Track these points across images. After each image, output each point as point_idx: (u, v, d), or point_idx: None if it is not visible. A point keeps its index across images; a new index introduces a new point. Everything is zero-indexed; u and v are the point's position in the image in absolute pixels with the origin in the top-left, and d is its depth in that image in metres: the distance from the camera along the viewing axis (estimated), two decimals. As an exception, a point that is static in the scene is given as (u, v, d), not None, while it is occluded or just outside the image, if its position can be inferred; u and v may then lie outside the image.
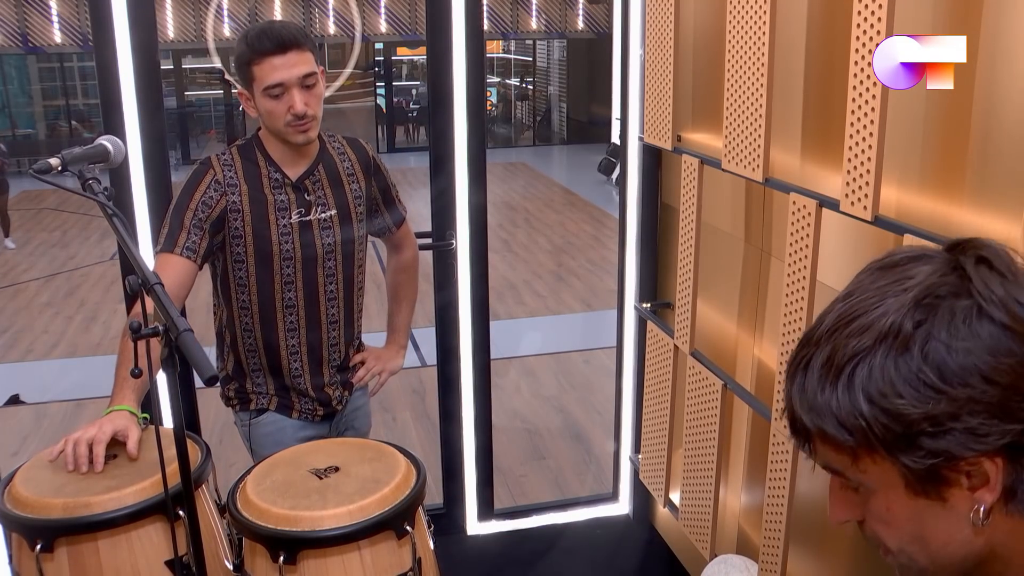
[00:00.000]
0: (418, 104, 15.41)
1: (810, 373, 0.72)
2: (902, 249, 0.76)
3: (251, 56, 1.83)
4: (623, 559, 2.88)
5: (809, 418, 0.73)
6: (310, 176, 1.97)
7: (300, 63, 1.84)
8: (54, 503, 1.54)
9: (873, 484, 0.73)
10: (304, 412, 2.09)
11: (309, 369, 2.05)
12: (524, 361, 5.13)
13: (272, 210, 1.92)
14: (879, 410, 0.68)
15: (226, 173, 1.91)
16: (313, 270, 1.98)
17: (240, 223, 1.90)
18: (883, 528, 0.76)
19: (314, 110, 1.89)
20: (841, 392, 0.70)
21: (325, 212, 1.97)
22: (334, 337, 2.06)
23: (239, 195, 1.90)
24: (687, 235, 2.20)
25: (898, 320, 0.69)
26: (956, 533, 0.72)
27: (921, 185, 1.51)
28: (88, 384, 4.93)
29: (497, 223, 9.31)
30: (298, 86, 1.85)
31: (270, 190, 1.93)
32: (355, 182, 2.04)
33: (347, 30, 12.84)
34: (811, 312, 1.73)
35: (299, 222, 1.94)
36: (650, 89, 2.33)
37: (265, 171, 1.94)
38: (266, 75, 1.83)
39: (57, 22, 11.49)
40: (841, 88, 1.53)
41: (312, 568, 1.56)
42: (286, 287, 1.96)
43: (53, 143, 13.34)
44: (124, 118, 2.22)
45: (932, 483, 0.70)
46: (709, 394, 2.17)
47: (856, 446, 0.71)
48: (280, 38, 1.82)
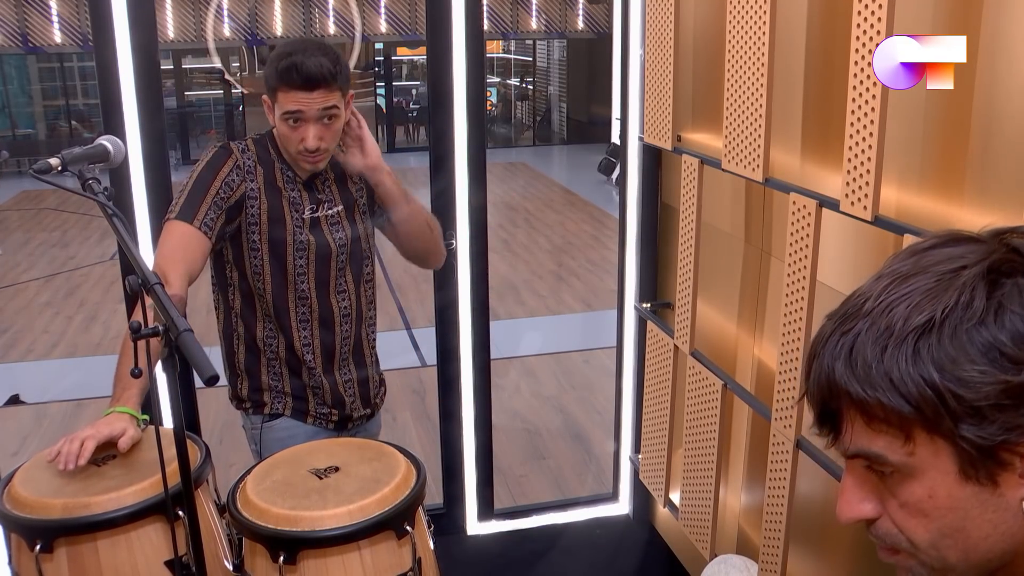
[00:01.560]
0: (418, 104, 15.40)
1: (861, 343, 0.68)
2: (936, 234, 0.73)
3: (278, 81, 1.83)
4: (623, 559, 2.88)
5: (860, 389, 0.68)
6: (319, 176, 2.00)
7: (324, 99, 1.83)
8: (53, 503, 1.54)
9: (919, 467, 0.69)
10: (319, 417, 2.09)
11: (322, 363, 2.05)
12: (524, 361, 5.13)
13: (286, 203, 1.95)
14: (952, 379, 0.65)
15: (246, 161, 1.93)
16: (325, 264, 2.00)
17: (257, 210, 1.92)
18: (916, 520, 0.71)
19: (328, 143, 1.89)
20: (904, 361, 0.66)
21: (332, 208, 2.00)
22: (346, 331, 2.07)
23: (257, 183, 1.92)
24: (687, 235, 2.20)
25: (967, 293, 0.66)
26: (1000, 523, 0.69)
27: (921, 185, 1.51)
28: (88, 384, 4.93)
29: (497, 223, 9.30)
30: (316, 120, 1.85)
31: (283, 184, 1.96)
32: (356, 177, 2.05)
33: (347, 30, 12.84)
34: (811, 312, 1.73)
35: (311, 218, 1.98)
36: (650, 89, 2.33)
37: (279, 166, 1.96)
38: (287, 102, 1.84)
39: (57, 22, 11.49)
40: (841, 88, 1.53)
41: (312, 568, 1.56)
42: (299, 278, 1.98)
43: (53, 143, 13.32)
44: (124, 118, 2.23)
45: (988, 465, 0.67)
46: (709, 394, 2.17)
47: (914, 422, 0.67)
48: (309, 76, 1.80)
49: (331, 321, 2.04)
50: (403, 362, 5.20)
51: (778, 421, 1.86)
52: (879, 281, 0.71)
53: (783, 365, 1.81)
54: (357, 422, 2.16)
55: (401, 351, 5.46)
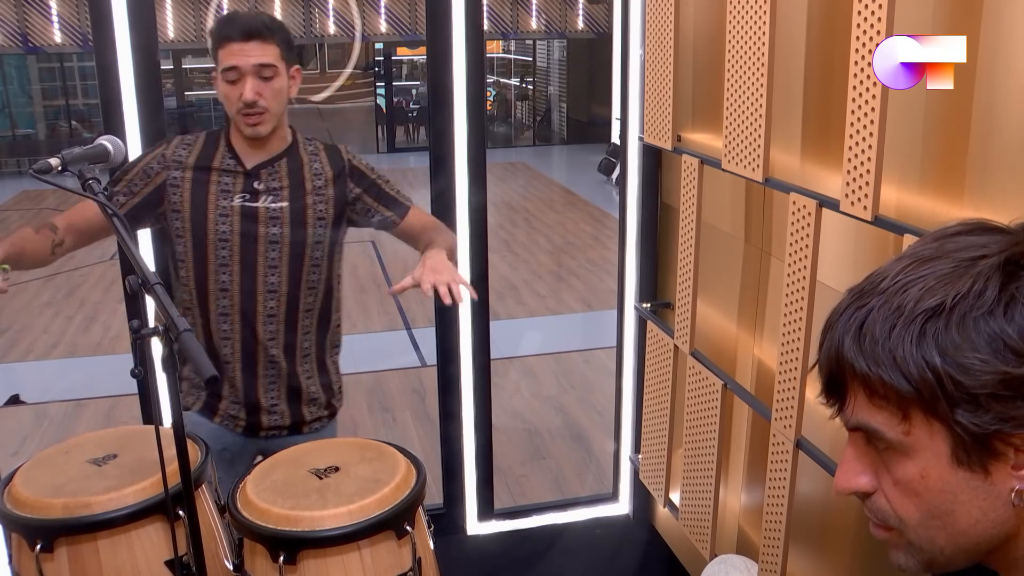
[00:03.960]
0: (418, 104, 15.39)
1: (872, 320, 0.69)
2: (962, 221, 0.74)
3: (217, 40, 1.88)
4: (623, 559, 2.88)
5: (865, 364, 0.69)
6: (268, 167, 1.97)
7: (260, 53, 1.86)
8: (54, 503, 1.54)
9: (914, 447, 0.70)
10: (226, 417, 2.04)
11: (241, 361, 1.99)
12: (524, 361, 5.13)
13: (214, 191, 1.94)
14: (952, 364, 0.66)
15: (178, 151, 1.96)
16: (252, 258, 1.95)
17: (179, 198, 1.94)
18: (907, 499, 0.72)
19: (267, 103, 1.89)
20: (910, 342, 0.67)
21: (276, 203, 1.96)
22: (271, 331, 1.99)
23: (181, 171, 1.94)
24: (687, 235, 2.20)
25: (980, 282, 0.67)
26: (990, 511, 0.70)
27: (921, 185, 1.51)
28: (88, 384, 4.94)
29: (497, 223, 9.30)
30: (253, 75, 1.86)
31: (218, 173, 1.95)
32: (320, 181, 2.00)
33: (347, 30, 12.83)
34: (811, 312, 1.73)
35: (241, 206, 1.94)
36: (650, 89, 2.33)
37: (221, 156, 1.96)
38: (225, 58, 1.87)
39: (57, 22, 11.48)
40: (841, 88, 1.53)
41: (312, 568, 1.56)
42: (220, 269, 1.95)
43: (53, 143, 13.31)
44: (124, 118, 2.23)
45: (980, 453, 0.68)
46: (709, 394, 2.17)
47: (912, 401, 0.68)
48: (244, 26, 1.85)
49: (253, 320, 1.98)
50: (403, 362, 5.20)
51: (778, 421, 1.86)
52: (900, 261, 0.72)
53: (783, 365, 1.81)
54: (271, 432, 2.06)
55: (401, 351, 5.46)
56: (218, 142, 1.98)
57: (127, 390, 2.90)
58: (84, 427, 4.32)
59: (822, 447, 1.80)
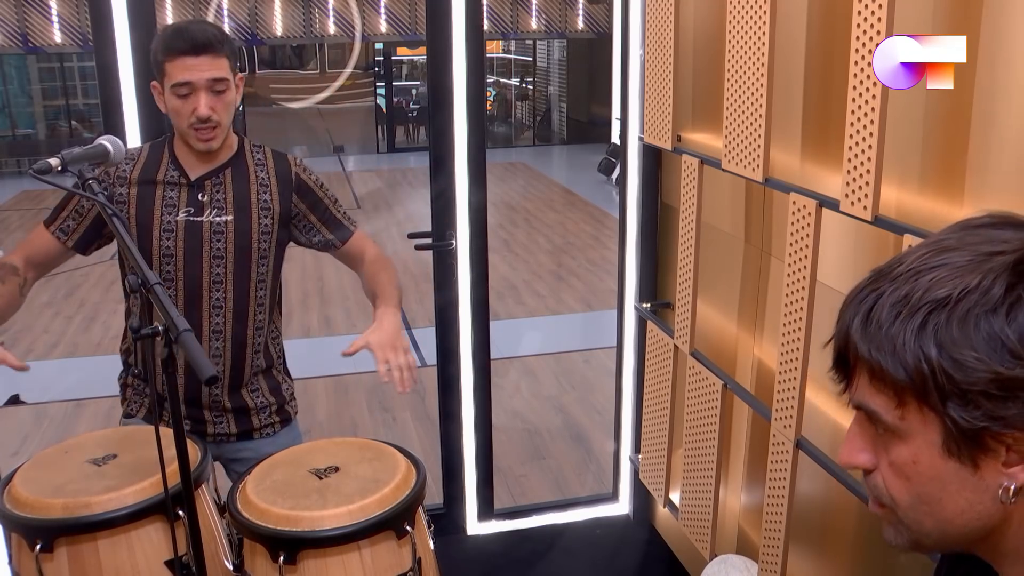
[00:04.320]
0: (418, 104, 15.39)
1: (880, 305, 0.70)
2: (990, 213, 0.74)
3: (164, 53, 1.81)
4: (623, 559, 2.88)
5: (867, 348, 0.71)
6: (212, 178, 1.92)
7: (212, 68, 1.81)
8: (54, 503, 1.54)
9: (908, 432, 0.71)
10: None
11: (184, 374, 1.91)
12: (524, 361, 5.13)
13: (159, 205, 1.90)
14: (947, 359, 0.67)
15: (122, 167, 1.91)
16: (196, 272, 1.91)
17: (125, 215, 1.89)
18: (900, 482, 0.74)
19: (220, 117, 1.85)
20: (910, 332, 0.68)
21: (220, 216, 1.91)
22: (216, 347, 1.95)
23: (127, 187, 1.90)
24: (687, 235, 2.20)
25: (989, 279, 0.67)
26: (977, 503, 0.71)
27: (921, 185, 1.51)
28: (88, 384, 4.93)
29: (497, 223, 9.29)
30: (206, 89, 1.82)
31: (162, 187, 1.90)
32: (267, 194, 1.95)
33: (347, 30, 12.83)
34: (811, 312, 1.73)
35: (186, 221, 1.90)
36: (650, 89, 2.33)
37: (165, 168, 1.92)
38: (176, 73, 1.80)
39: (57, 22, 11.48)
40: (841, 88, 1.53)
41: (312, 568, 1.56)
42: (166, 283, 1.88)
43: (53, 143, 13.30)
44: (124, 118, 2.23)
45: (970, 447, 0.69)
46: (709, 394, 2.17)
47: (906, 389, 0.70)
48: (195, 40, 1.80)
49: (199, 334, 1.92)
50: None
51: (778, 421, 1.86)
52: (921, 247, 0.73)
53: (783, 365, 1.81)
54: (219, 438, 2.03)
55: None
56: (162, 154, 1.93)
57: (127, 390, 2.89)
58: (84, 427, 4.32)
59: (822, 447, 1.80)
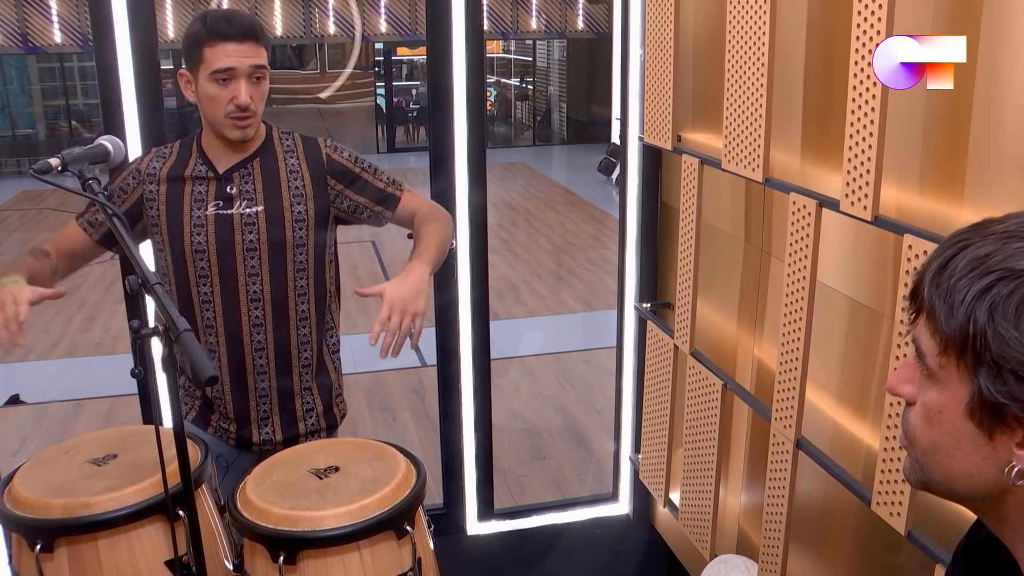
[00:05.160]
0: (418, 104, 15.39)
1: (961, 256, 0.72)
2: None
3: (207, 37, 1.78)
4: (623, 559, 2.88)
5: (930, 291, 0.73)
6: (240, 169, 1.89)
7: (255, 55, 1.80)
8: (54, 503, 1.54)
9: (943, 381, 0.74)
10: (219, 429, 1.98)
11: (228, 372, 1.93)
12: (524, 361, 5.13)
13: (188, 201, 1.87)
14: (992, 328, 0.68)
15: (153, 164, 1.90)
16: (231, 266, 1.88)
17: (156, 212, 1.88)
18: (924, 424, 0.77)
19: (256, 106, 1.84)
20: (973, 290, 0.70)
21: (251, 208, 1.87)
22: (259, 342, 1.91)
23: (156, 184, 1.89)
24: (687, 235, 2.20)
25: None
26: (985, 471, 0.73)
27: (921, 185, 1.51)
28: (88, 384, 4.93)
29: (497, 223, 9.29)
30: (247, 77, 1.80)
31: (191, 182, 1.88)
32: (298, 180, 1.91)
33: (347, 30, 12.83)
34: (811, 312, 1.73)
35: (216, 215, 1.87)
36: (650, 89, 2.33)
37: (193, 163, 1.90)
38: (217, 59, 1.78)
39: (57, 22, 11.48)
40: (841, 88, 1.53)
41: (312, 568, 1.56)
42: (201, 281, 1.88)
43: (53, 143, 13.31)
44: (124, 118, 2.23)
45: (991, 417, 0.71)
46: (709, 394, 2.17)
47: (951, 342, 0.72)
48: (242, 26, 1.79)
49: (239, 332, 1.91)
50: (403, 362, 5.20)
51: (778, 421, 1.86)
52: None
53: (783, 365, 1.81)
54: (264, 447, 1.97)
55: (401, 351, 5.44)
56: (190, 150, 1.92)
57: (127, 390, 2.89)
58: (84, 427, 4.32)
59: (822, 447, 1.80)
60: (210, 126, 1.87)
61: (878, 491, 1.57)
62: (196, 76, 1.82)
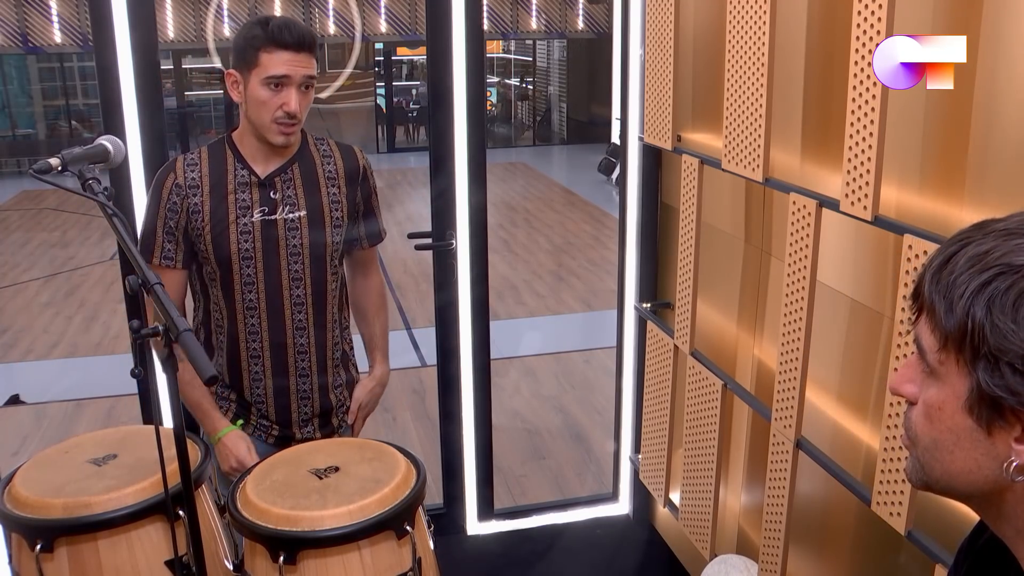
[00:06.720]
0: (418, 104, 15.39)
1: (962, 253, 0.72)
2: None
3: (265, 42, 1.81)
4: (623, 559, 2.88)
5: (930, 288, 0.74)
6: (281, 174, 1.92)
7: (308, 65, 1.86)
8: (54, 503, 1.54)
9: (942, 377, 0.75)
10: (259, 428, 2.02)
11: (272, 374, 1.97)
12: (524, 361, 5.13)
13: (233, 209, 1.89)
14: (990, 321, 0.69)
15: (188, 175, 1.89)
16: (276, 272, 1.92)
17: (200, 223, 1.88)
18: (925, 422, 0.77)
19: (302, 114, 1.88)
20: (971, 286, 0.70)
21: (293, 212, 1.91)
22: (301, 344, 1.97)
23: (200, 196, 1.89)
24: (687, 235, 2.20)
25: None
26: (984, 467, 0.74)
27: (921, 185, 1.51)
28: (88, 384, 4.93)
29: (497, 223, 9.29)
30: (298, 86, 1.84)
31: (233, 189, 1.90)
32: (334, 187, 1.97)
33: (347, 30, 12.84)
34: (811, 312, 1.73)
35: (261, 221, 1.90)
36: (650, 89, 2.33)
37: (232, 169, 1.91)
38: (274, 65, 1.81)
39: (57, 22, 11.48)
40: (841, 88, 1.53)
41: (312, 568, 1.56)
42: (246, 288, 1.91)
43: (53, 143, 13.31)
44: (124, 118, 2.23)
45: (989, 412, 0.71)
46: (709, 394, 2.17)
47: (950, 337, 0.72)
48: (301, 36, 1.83)
49: (283, 335, 1.96)
50: (403, 362, 5.20)
51: (778, 421, 1.86)
52: None
53: (783, 365, 1.81)
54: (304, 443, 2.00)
55: (401, 351, 5.45)
56: (224, 155, 1.92)
57: (127, 390, 2.89)
58: (84, 427, 4.32)
59: (822, 447, 1.80)
60: (252, 129, 1.89)
61: (878, 491, 1.57)
62: (247, 78, 1.85)
